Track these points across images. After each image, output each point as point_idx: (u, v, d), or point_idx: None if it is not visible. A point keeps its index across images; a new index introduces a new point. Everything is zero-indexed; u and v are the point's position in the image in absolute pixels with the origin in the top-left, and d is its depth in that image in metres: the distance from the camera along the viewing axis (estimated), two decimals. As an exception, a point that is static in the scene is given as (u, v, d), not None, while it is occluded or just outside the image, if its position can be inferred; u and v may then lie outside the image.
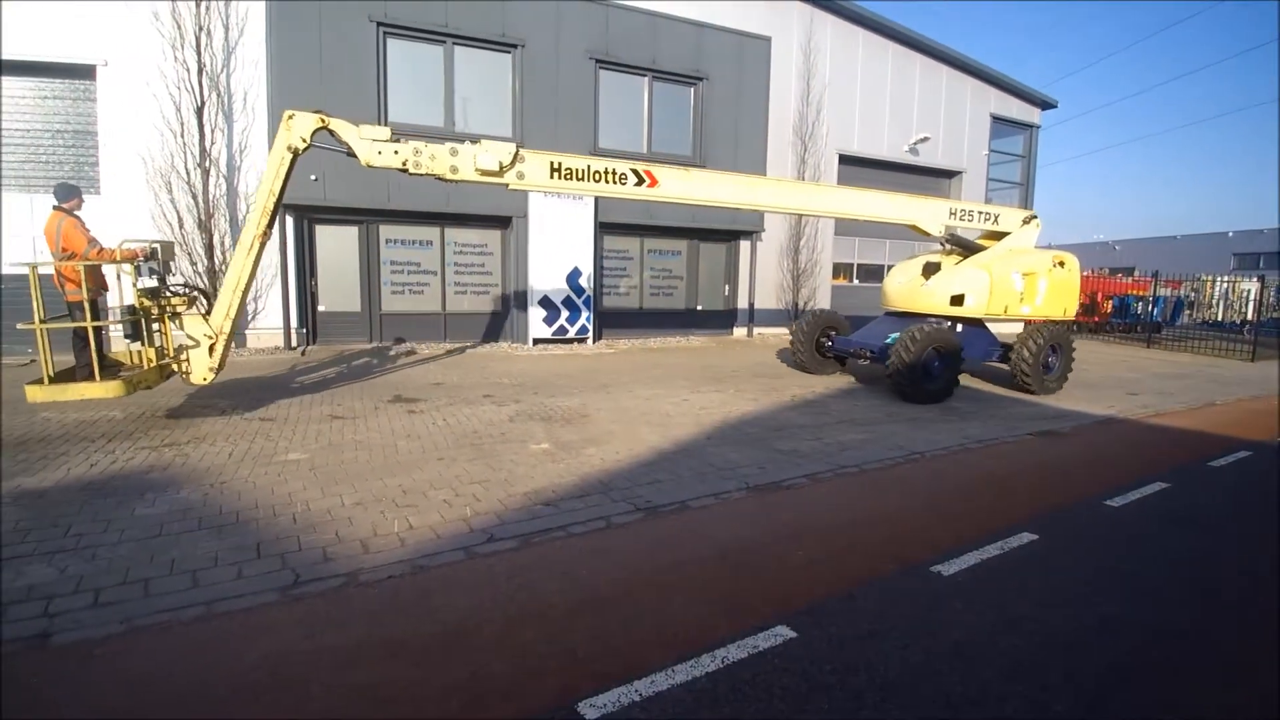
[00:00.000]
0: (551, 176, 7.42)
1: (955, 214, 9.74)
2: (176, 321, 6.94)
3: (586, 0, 13.17)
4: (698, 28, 14.32)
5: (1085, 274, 24.15)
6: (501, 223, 13.22)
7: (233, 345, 7.18)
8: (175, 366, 6.82)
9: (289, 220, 11.52)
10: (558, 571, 3.60)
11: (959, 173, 19.46)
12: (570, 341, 13.51)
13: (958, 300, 9.62)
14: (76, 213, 6.79)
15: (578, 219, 13.12)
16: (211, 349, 6.72)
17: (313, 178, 10.89)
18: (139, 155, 10.69)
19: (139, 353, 6.80)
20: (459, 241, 13.27)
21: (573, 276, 13.22)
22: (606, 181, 7.65)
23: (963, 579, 3.65)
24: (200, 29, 10.80)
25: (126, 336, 6.85)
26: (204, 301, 7.25)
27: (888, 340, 8.92)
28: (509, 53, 12.77)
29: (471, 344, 13.20)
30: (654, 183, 7.85)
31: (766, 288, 16.31)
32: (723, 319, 16.22)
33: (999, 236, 10.28)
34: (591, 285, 13.45)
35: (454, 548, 3.84)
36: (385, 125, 11.42)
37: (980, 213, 10.04)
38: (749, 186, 8.58)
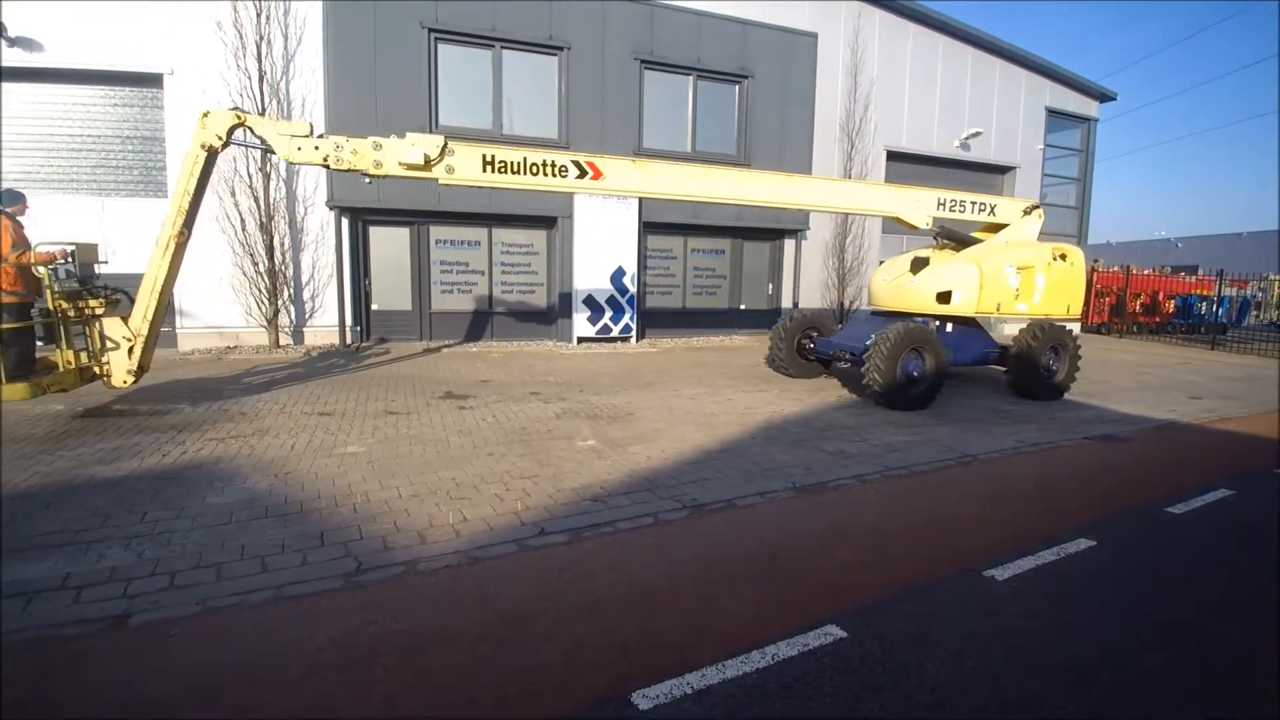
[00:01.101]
0: (484, 170, 7.15)
1: (944, 204, 9.10)
2: (96, 324, 6.74)
3: (632, 1, 13.25)
4: (742, 26, 14.26)
5: (1146, 273, 23.32)
6: (547, 223, 13.41)
7: (155, 347, 6.97)
8: (96, 369, 6.76)
9: (344, 222, 11.90)
10: (607, 566, 3.67)
11: (1012, 168, 18.92)
12: (614, 340, 13.62)
13: (944, 297, 8.89)
14: (20, 217, 6.80)
15: (622, 219, 13.21)
16: (130, 351, 6.65)
17: (367, 181, 11.11)
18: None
19: (60, 355, 6.63)
20: (506, 242, 13.50)
21: (617, 276, 13.32)
22: (545, 174, 7.32)
23: (1018, 584, 3.58)
24: (260, 38, 11.25)
25: (39, 339, 6.87)
26: (128, 304, 6.91)
27: (868, 342, 8.23)
28: (555, 55, 12.94)
29: (517, 342, 13.41)
30: (598, 175, 7.51)
31: (811, 286, 16.14)
32: (766, 318, 16.07)
33: (1002, 229, 9.62)
34: (635, 285, 13.54)
35: (506, 540, 3.95)
36: (436, 129, 11.80)
37: (974, 203, 9.35)
38: (704, 179, 8.10)
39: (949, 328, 9.14)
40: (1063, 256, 9.31)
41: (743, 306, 15.84)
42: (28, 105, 11.16)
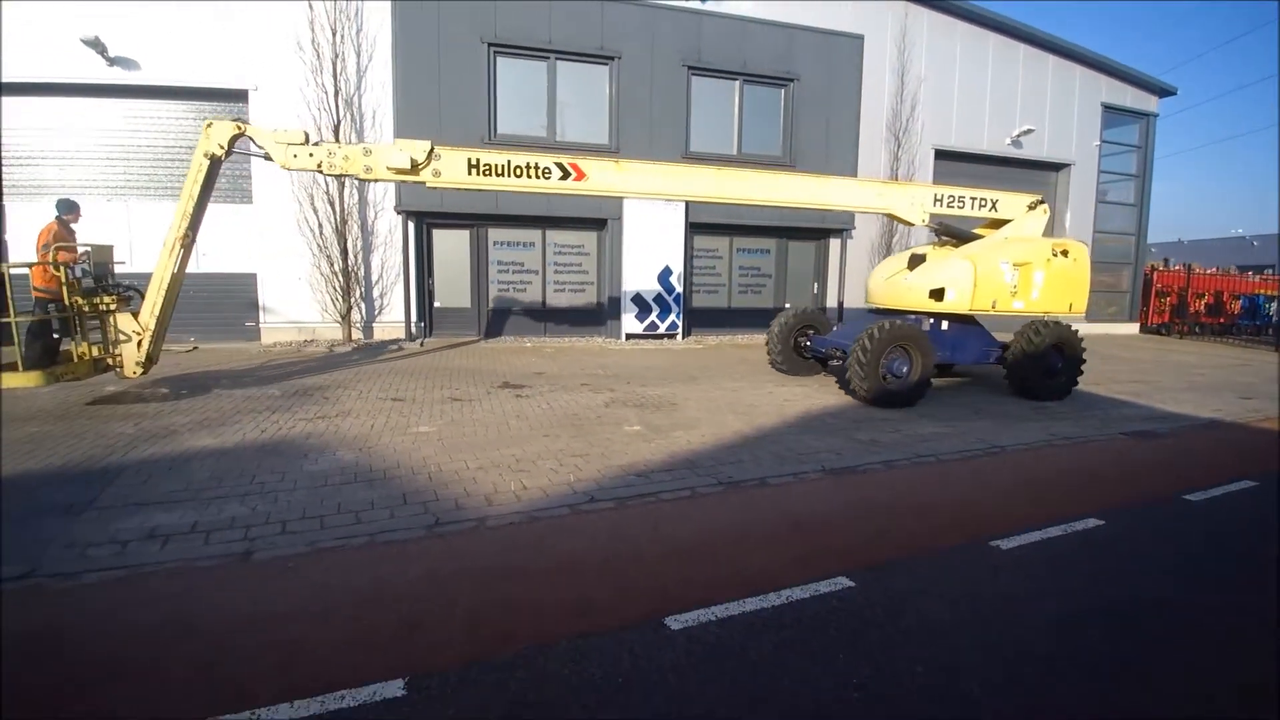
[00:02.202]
0: (470, 173, 7.47)
1: (942, 200, 9.06)
2: (111, 319, 7.34)
3: (680, 11, 13.75)
4: (788, 30, 14.58)
5: (1209, 272, 22.55)
6: (598, 225, 14.02)
7: (163, 340, 7.57)
8: (110, 360, 7.39)
9: (410, 225, 12.77)
10: (649, 527, 4.18)
11: (1067, 165, 18.65)
12: (661, 337, 14.13)
13: (937, 294, 8.77)
14: (72, 224, 7.60)
15: (669, 220, 13.72)
16: (139, 344, 7.21)
17: (426, 186, 12.01)
18: (285, 170, 12.16)
19: (76, 346, 7.29)
20: (558, 243, 14.17)
21: (664, 275, 13.83)
22: (529, 176, 7.59)
23: (1021, 553, 3.95)
24: (336, 56, 12.18)
25: (55, 333, 7.41)
26: (139, 300, 7.51)
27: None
28: (607, 64, 13.54)
29: (568, 339, 14.07)
30: (581, 176, 7.76)
31: (857, 286, 16.28)
32: (811, 317, 16.37)
33: (1006, 224, 9.49)
34: (681, 284, 14.03)
35: (561, 505, 4.51)
36: (495, 138, 12.53)
37: (975, 199, 9.26)
38: (682, 177, 8.33)
39: (945, 325, 9.12)
40: (1064, 252, 9.09)
41: (788, 305, 16.11)
42: (127, 119, 12.35)
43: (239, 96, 12.43)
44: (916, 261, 9.35)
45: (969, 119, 17.23)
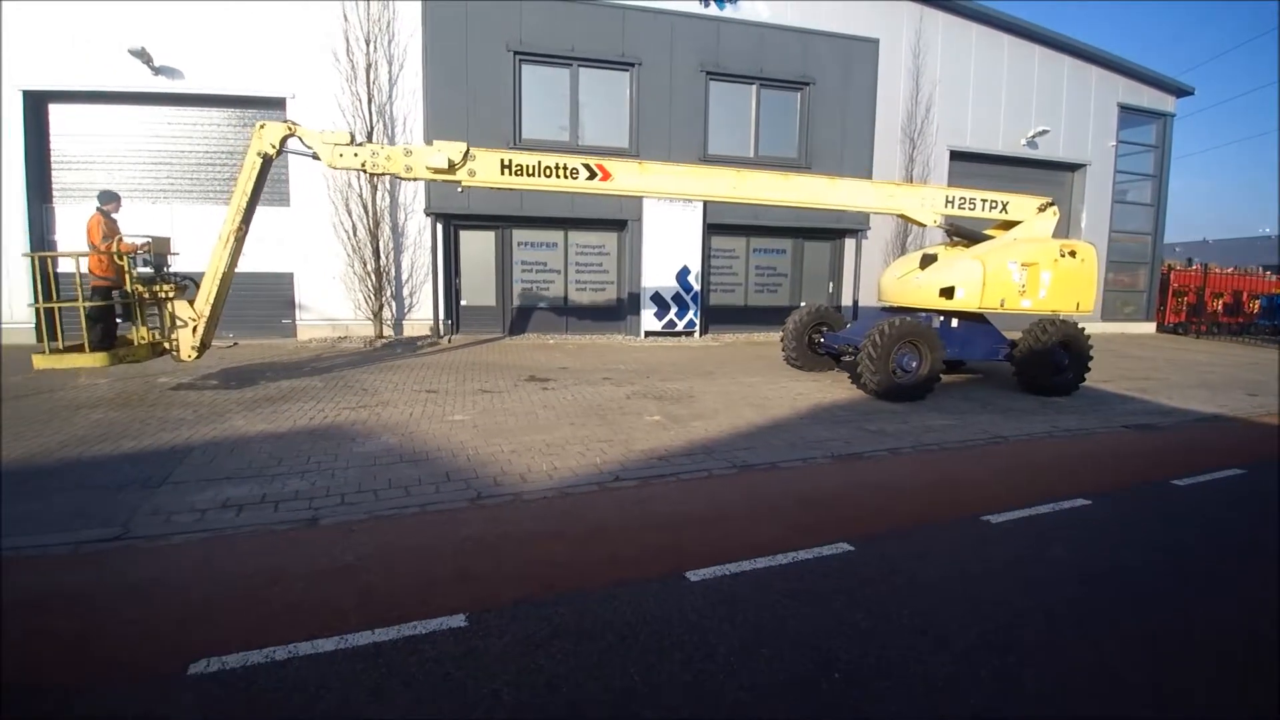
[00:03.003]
0: (502, 173, 7.88)
1: (953, 202, 9.34)
2: (169, 305, 7.79)
3: (698, 18, 14.16)
4: (804, 35, 14.93)
5: (1228, 271, 22.51)
6: (618, 226, 14.47)
7: (216, 327, 8.06)
8: (166, 344, 7.88)
9: (439, 227, 13.30)
10: (670, 501, 4.62)
11: (1083, 165, 18.77)
12: (679, 335, 14.55)
13: (947, 293, 9.07)
14: (113, 215, 8.13)
15: (687, 221, 14.13)
16: (194, 330, 7.68)
17: (459, 190, 12.51)
18: (321, 174, 12.75)
19: (136, 332, 7.85)
20: (580, 243, 14.64)
21: (682, 275, 14.25)
22: (558, 176, 7.97)
23: (1009, 526, 4.32)
24: (369, 65, 12.73)
25: (118, 318, 7.92)
26: (194, 289, 7.95)
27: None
28: (627, 70, 13.98)
29: (590, 336, 14.52)
30: (606, 176, 8.14)
31: (871, 284, 16.56)
32: (826, 315, 16.70)
33: (1017, 225, 9.72)
34: (699, 283, 14.44)
35: (589, 483, 4.95)
36: (520, 142, 13.02)
37: (985, 200, 9.52)
38: (701, 178, 8.70)
39: (954, 323, 9.42)
40: (1072, 253, 9.34)
41: (803, 304, 16.44)
42: (171, 125, 12.97)
43: (277, 104, 13.00)
44: (928, 261, 9.65)
45: (984, 120, 17.44)
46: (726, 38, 14.43)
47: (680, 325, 14.46)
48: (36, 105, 12.29)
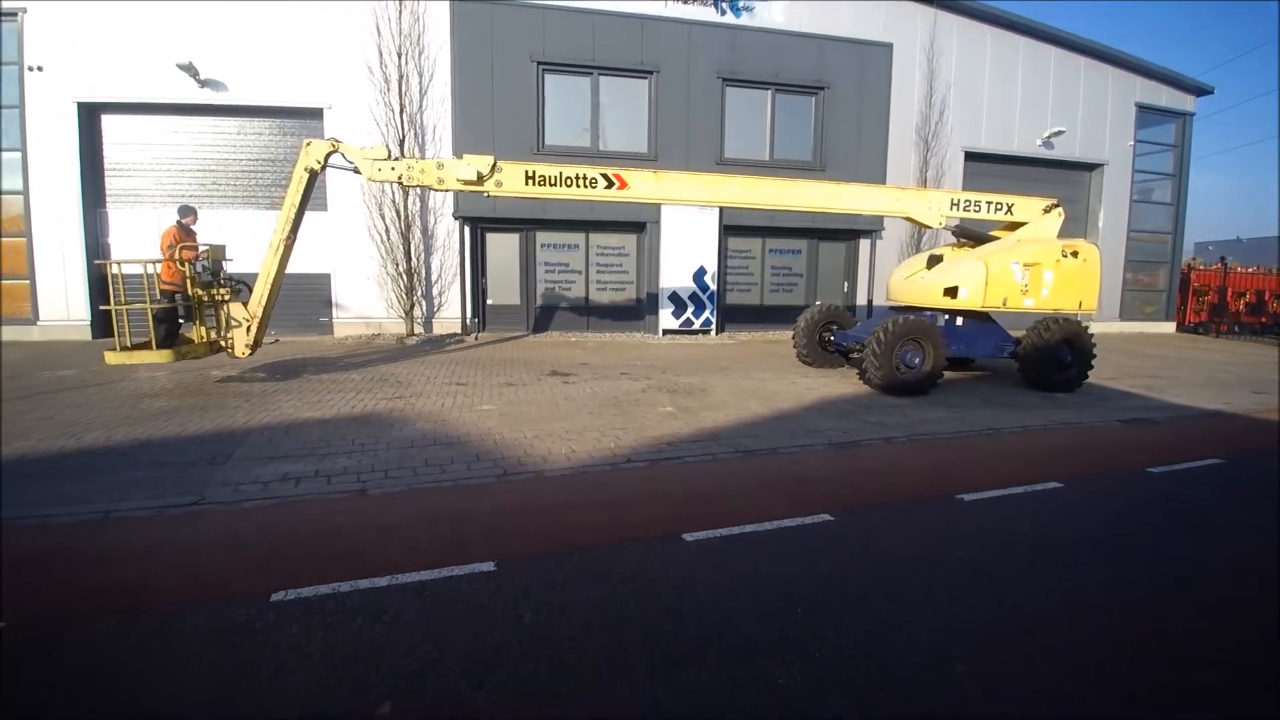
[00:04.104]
0: (527, 183, 8.43)
1: (958, 204, 9.67)
2: (225, 307, 8.54)
3: (715, 26, 14.65)
4: (819, 41, 15.33)
5: (1250, 270, 22.35)
6: (637, 228, 15.00)
7: (267, 327, 8.73)
8: (222, 343, 8.60)
9: (466, 230, 13.97)
10: (676, 479, 5.15)
11: (1100, 165, 18.86)
12: (695, 333, 15.04)
13: (951, 292, 9.41)
14: (191, 226, 8.89)
15: (704, 224, 14.62)
16: (249, 329, 8.37)
17: (485, 195, 13.19)
18: (357, 182, 13.44)
19: (196, 331, 8.63)
20: (600, 245, 15.22)
21: (699, 275, 14.75)
22: (578, 186, 8.49)
23: (982, 504, 4.77)
24: (401, 77, 13.42)
25: (180, 318, 8.67)
26: (247, 292, 8.65)
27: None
28: (646, 78, 14.51)
29: (609, 334, 15.09)
30: (623, 185, 8.63)
31: (886, 285, 16.92)
32: (841, 314, 17.06)
33: (1022, 227, 10.00)
34: (716, 283, 14.93)
35: (604, 464, 5.49)
36: (544, 149, 13.62)
37: (990, 203, 9.83)
38: (714, 185, 9.14)
39: (959, 321, 9.74)
40: (1074, 253, 9.58)
41: (819, 304, 16.82)
42: (216, 135, 13.79)
43: (315, 114, 13.76)
44: (934, 262, 10.03)
45: (999, 121, 17.64)
46: (742, 44, 14.89)
47: (697, 324, 14.95)
48: (90, 116, 13.17)
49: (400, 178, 8.46)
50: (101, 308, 8.43)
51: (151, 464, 5.34)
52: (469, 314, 14.20)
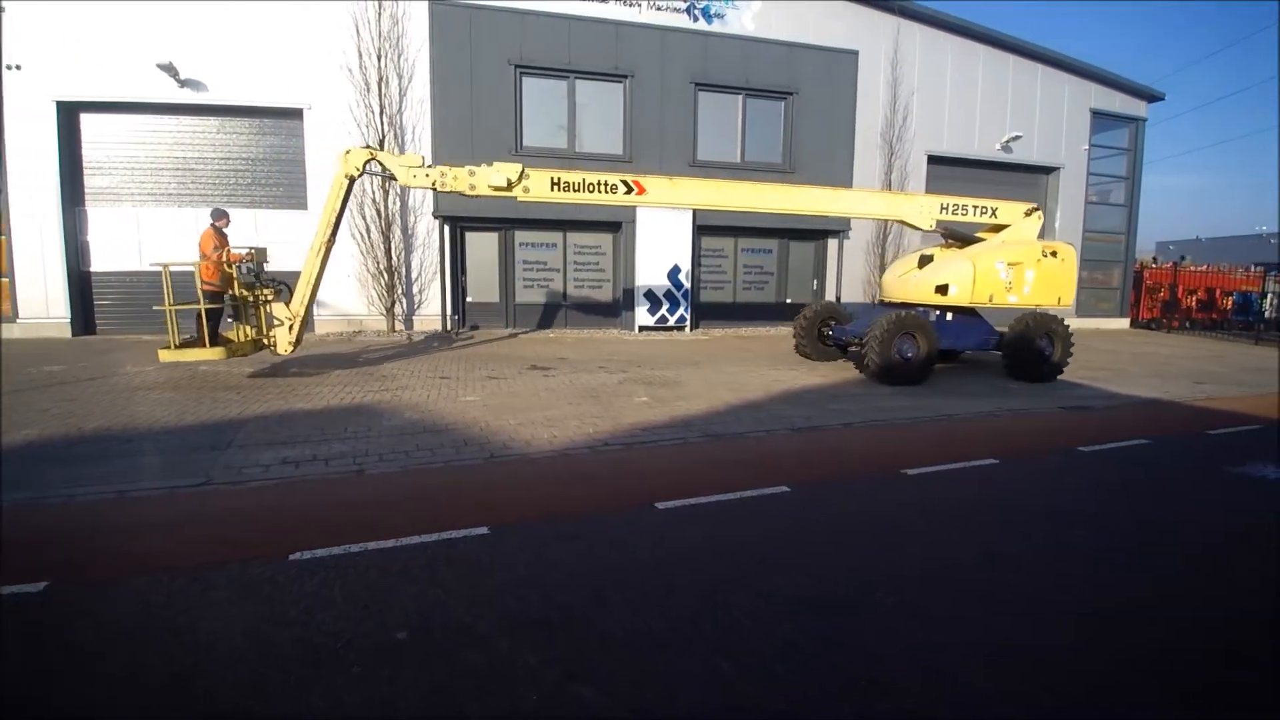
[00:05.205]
0: (552, 189, 8.99)
1: (947, 209, 10.37)
2: (268, 307, 8.99)
3: (688, 32, 15.15)
4: (788, 48, 15.90)
5: (1201, 269, 23.46)
6: (613, 228, 15.44)
7: (307, 326, 9.23)
8: (265, 341, 9.05)
9: (446, 229, 14.28)
10: (649, 459, 5.61)
11: (1056, 168, 19.72)
12: (670, 329, 15.53)
13: (942, 289, 10.14)
14: (224, 229, 9.28)
15: (678, 223, 15.11)
16: (291, 327, 8.84)
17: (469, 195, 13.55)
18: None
19: (239, 329, 9.12)
20: (578, 244, 15.64)
21: (673, 273, 15.24)
22: (600, 192, 9.07)
23: (922, 477, 5.30)
24: (381, 79, 13.69)
25: (229, 317, 9.09)
26: (288, 292, 9.11)
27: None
28: (621, 82, 14.96)
29: (587, 330, 15.51)
30: (642, 191, 9.23)
31: (853, 282, 17.58)
32: (811, 311, 17.68)
33: (1005, 229, 10.74)
34: (690, 281, 15.43)
35: (583, 447, 5.93)
36: (521, 149, 14.00)
37: (976, 206, 10.58)
38: (725, 190, 9.79)
39: (949, 317, 10.46)
40: (1054, 253, 10.40)
41: (789, 300, 17.44)
42: (195, 134, 13.93)
43: (295, 114, 13.97)
44: (925, 261, 10.76)
45: (960, 126, 18.38)
46: (714, 50, 15.41)
47: (672, 320, 15.44)
48: (69, 115, 13.24)
49: (434, 184, 8.91)
50: (155, 308, 8.82)
51: (156, 450, 5.67)
52: (449, 311, 14.52)
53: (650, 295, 15.18)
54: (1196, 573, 3.72)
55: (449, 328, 14.49)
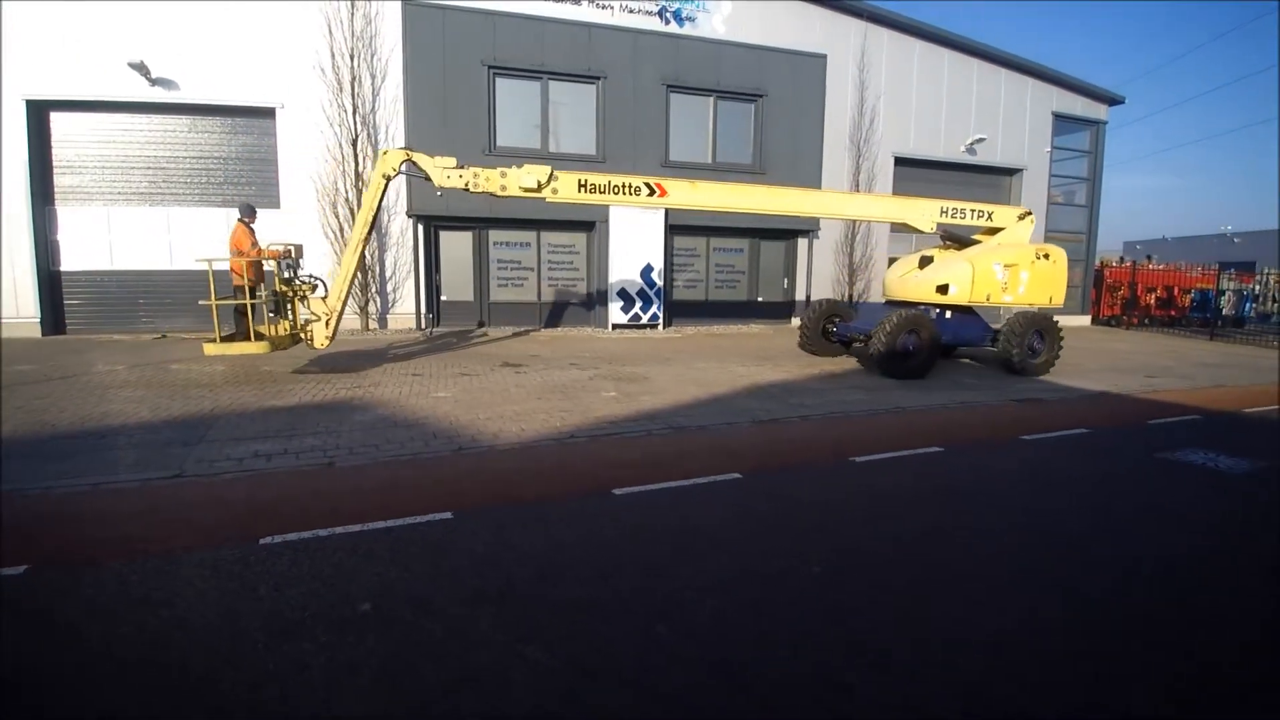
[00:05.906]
0: (579, 191, 9.34)
1: (947, 213, 10.88)
2: (305, 302, 9.31)
3: (660, 35, 15.41)
4: (758, 51, 16.23)
5: (1160, 268, 24.24)
6: (586, 227, 15.67)
7: (341, 323, 9.50)
8: (302, 335, 9.32)
9: (420, 228, 14.40)
10: (614, 449, 5.87)
11: (1019, 170, 20.28)
12: (643, 327, 15.79)
13: (942, 289, 10.71)
14: (252, 225, 9.49)
15: (650, 223, 15.38)
16: (327, 323, 9.16)
17: (438, 194, 13.58)
18: (309, 178, 13.79)
19: (278, 325, 9.38)
20: (552, 243, 15.84)
21: (646, 272, 15.50)
22: (624, 194, 9.45)
23: (870, 464, 5.61)
24: (354, 79, 13.79)
25: (270, 312, 9.31)
26: (324, 288, 9.52)
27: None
28: (594, 83, 15.18)
29: (561, 328, 15.72)
30: (663, 193, 9.59)
31: (823, 280, 17.99)
32: (782, 309, 18.05)
33: (999, 232, 11.27)
34: (662, 279, 15.71)
35: (550, 440, 6.17)
36: (495, 150, 14.16)
37: (974, 210, 11.12)
38: (740, 193, 10.18)
39: (948, 314, 10.97)
40: (1045, 255, 10.99)
41: (760, 299, 17.81)
42: (166, 133, 13.90)
43: (267, 114, 14.00)
44: (926, 262, 11.28)
45: (926, 128, 18.86)
46: (685, 53, 15.69)
47: (645, 318, 15.70)
48: (38, 113, 13.17)
49: (467, 185, 9.10)
50: (200, 303, 9.01)
51: (129, 445, 5.79)
52: (424, 309, 14.65)
53: (624, 294, 15.43)
54: (1112, 543, 4.05)
55: (423, 326, 14.62)
